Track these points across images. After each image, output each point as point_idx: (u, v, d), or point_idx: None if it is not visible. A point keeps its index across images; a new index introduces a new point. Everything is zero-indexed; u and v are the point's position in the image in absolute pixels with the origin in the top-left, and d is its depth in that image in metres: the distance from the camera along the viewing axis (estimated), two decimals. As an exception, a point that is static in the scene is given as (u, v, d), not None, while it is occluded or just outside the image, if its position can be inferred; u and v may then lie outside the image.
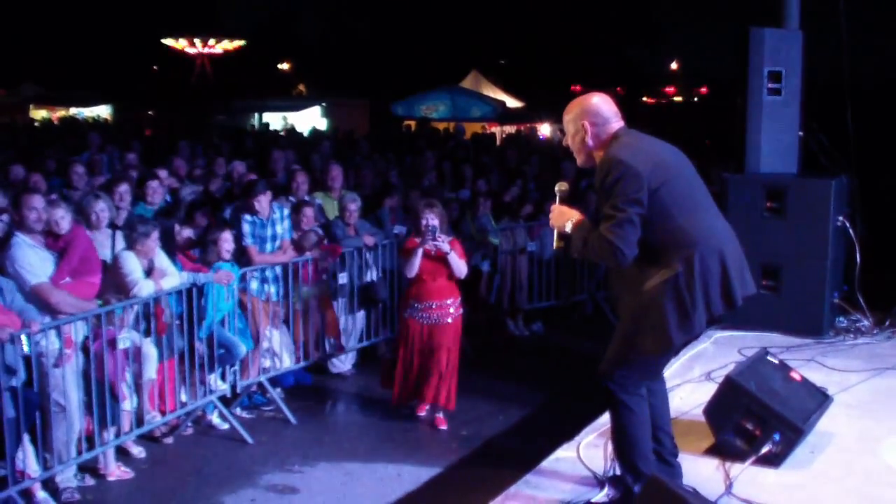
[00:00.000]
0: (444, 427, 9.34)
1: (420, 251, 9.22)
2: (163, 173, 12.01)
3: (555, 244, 5.96)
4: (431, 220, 9.20)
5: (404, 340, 9.44)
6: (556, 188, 5.94)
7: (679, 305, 5.42)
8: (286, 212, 10.61)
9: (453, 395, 9.39)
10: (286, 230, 10.46)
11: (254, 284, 10.01)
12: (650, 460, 5.78)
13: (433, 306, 9.31)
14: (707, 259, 5.44)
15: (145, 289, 8.39)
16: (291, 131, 30.89)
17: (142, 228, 8.60)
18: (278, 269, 10.18)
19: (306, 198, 11.56)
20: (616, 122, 5.70)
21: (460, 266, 9.41)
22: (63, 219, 8.03)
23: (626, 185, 5.35)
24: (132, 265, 8.42)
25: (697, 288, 5.41)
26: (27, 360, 7.35)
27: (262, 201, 10.31)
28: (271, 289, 10.15)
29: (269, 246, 10.29)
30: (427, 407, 9.59)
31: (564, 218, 5.71)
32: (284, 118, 41.17)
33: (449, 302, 9.39)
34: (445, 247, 9.25)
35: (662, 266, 5.46)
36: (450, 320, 9.37)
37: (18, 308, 7.43)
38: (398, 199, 12.64)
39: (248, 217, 10.19)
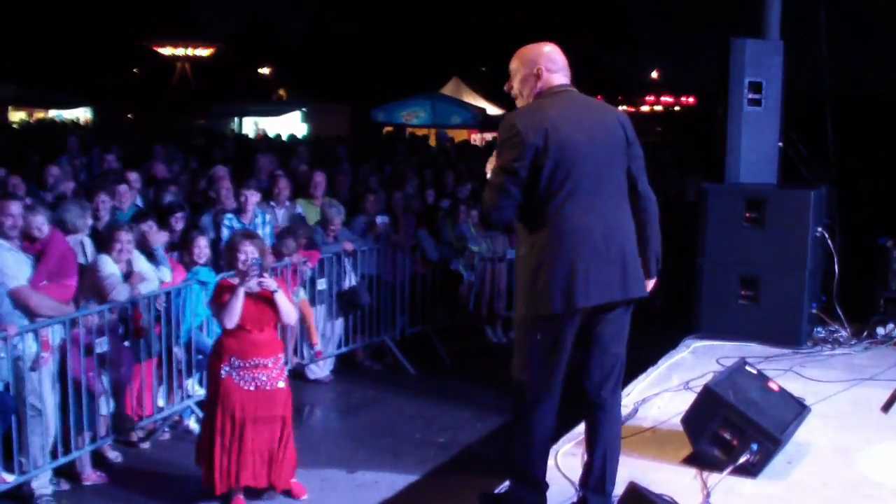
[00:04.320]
0: (305, 496, 7.75)
1: (242, 292, 7.40)
2: (132, 176, 11.93)
3: None
4: (252, 253, 7.53)
5: (222, 407, 7.43)
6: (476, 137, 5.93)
7: (531, 279, 5.48)
8: (268, 217, 10.58)
9: (291, 473, 7.75)
10: (267, 236, 10.43)
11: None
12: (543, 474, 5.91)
13: (258, 365, 7.46)
14: (554, 253, 5.39)
15: (123, 293, 8.36)
16: (266, 136, 30.86)
17: (115, 231, 8.59)
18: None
19: (287, 203, 11.57)
20: (557, 75, 5.66)
21: (290, 310, 7.69)
22: (43, 225, 7.97)
23: (508, 152, 5.41)
24: (109, 269, 8.39)
25: (536, 274, 5.43)
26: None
27: (250, 199, 10.30)
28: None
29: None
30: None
31: (490, 165, 5.67)
32: (255, 124, 41.08)
33: (278, 359, 7.64)
34: (272, 283, 7.50)
35: (525, 240, 5.56)
36: (281, 384, 7.58)
37: (5, 313, 7.40)
38: (379, 203, 12.61)
39: (227, 222, 10.17)
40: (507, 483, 6.09)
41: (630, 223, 5.67)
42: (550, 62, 5.64)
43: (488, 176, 5.64)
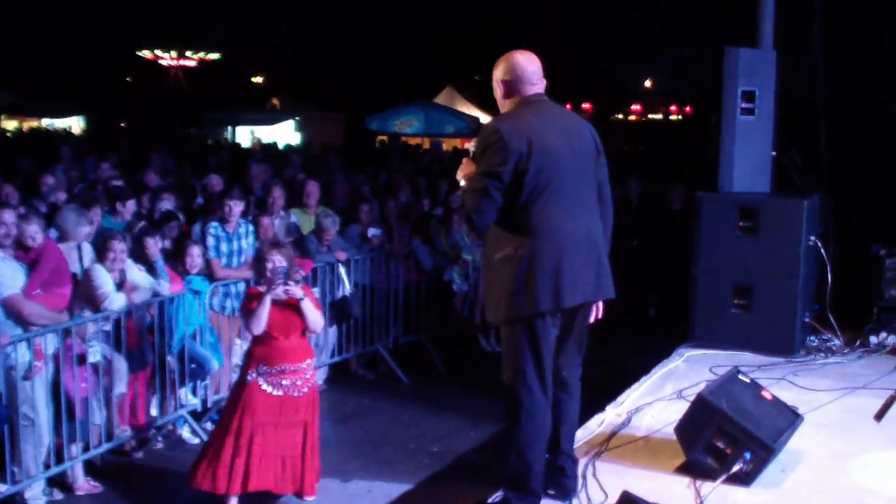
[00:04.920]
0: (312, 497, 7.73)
1: (268, 300, 7.47)
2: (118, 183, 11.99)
3: (460, 195, 6.10)
4: (279, 261, 7.56)
5: (244, 409, 7.46)
6: (471, 144, 6.10)
7: (515, 280, 5.62)
8: (251, 227, 10.54)
9: (316, 479, 7.77)
10: (251, 245, 10.40)
11: (215, 299, 9.95)
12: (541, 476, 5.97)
13: (285, 371, 7.52)
14: (540, 255, 5.60)
15: (116, 302, 8.35)
16: (263, 145, 30.86)
17: (103, 240, 8.59)
18: (241, 284, 10.12)
19: (282, 213, 11.54)
20: (532, 86, 5.88)
21: (316, 317, 7.72)
22: (37, 234, 7.96)
23: (491, 157, 5.58)
24: (103, 278, 8.38)
25: (520, 274, 5.61)
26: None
27: (234, 209, 10.25)
28: (235, 304, 10.09)
29: (234, 260, 10.24)
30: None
31: (463, 172, 5.87)
32: (252, 132, 41.07)
33: (304, 366, 7.65)
34: (298, 291, 7.57)
35: (506, 243, 5.70)
36: (306, 389, 7.63)
37: None
38: (373, 212, 12.60)
39: (213, 231, 10.12)
40: (500, 492, 6.10)
41: (602, 227, 5.97)
42: (526, 71, 5.88)
43: (462, 183, 5.85)
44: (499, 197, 5.57)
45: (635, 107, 75.81)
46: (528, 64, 5.88)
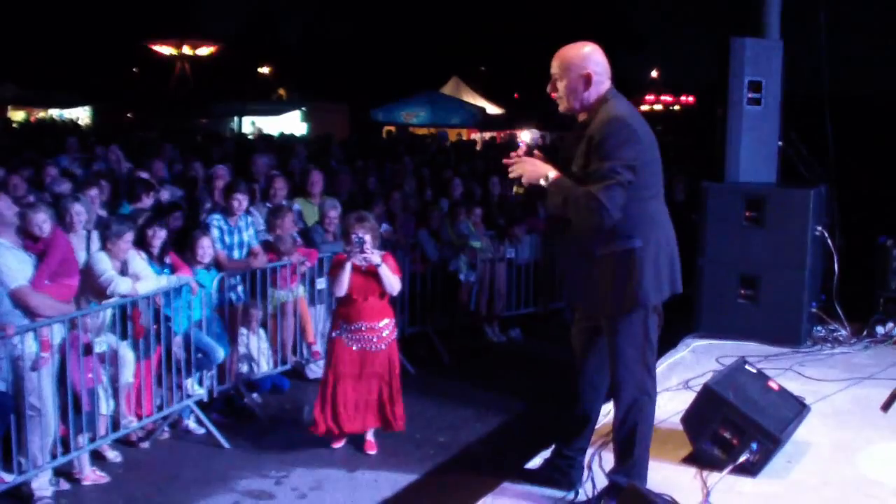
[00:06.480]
0: (373, 452, 8.85)
1: (349, 266, 8.51)
2: (143, 174, 11.97)
3: (515, 189, 5.99)
4: (361, 233, 8.49)
5: (330, 363, 8.76)
6: (520, 137, 6.06)
7: (642, 271, 5.67)
8: (250, 219, 10.53)
9: (401, 416, 8.90)
10: (252, 237, 10.41)
11: (215, 294, 9.94)
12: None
13: (363, 328, 8.63)
14: (663, 243, 5.79)
15: (121, 285, 8.34)
16: (264, 136, 30.80)
17: (115, 228, 8.57)
18: (240, 276, 10.18)
19: (284, 202, 11.51)
20: (609, 81, 5.86)
21: (393, 281, 8.66)
22: (45, 223, 7.94)
23: (627, 150, 5.53)
24: (104, 264, 8.37)
25: (650, 265, 5.69)
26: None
27: (242, 203, 10.27)
28: (233, 296, 10.14)
29: (236, 253, 10.27)
30: (342, 443, 8.99)
31: (541, 170, 5.75)
32: (253, 123, 40.99)
33: (381, 325, 8.72)
34: (375, 258, 8.52)
35: (622, 237, 5.66)
36: (383, 346, 8.73)
37: (4, 312, 7.40)
38: (382, 207, 12.60)
39: (216, 223, 10.12)
40: (611, 481, 6.07)
41: None
42: (598, 64, 5.81)
43: (542, 182, 5.70)
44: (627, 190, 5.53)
45: (642, 97, 75.72)
46: (600, 56, 5.85)
